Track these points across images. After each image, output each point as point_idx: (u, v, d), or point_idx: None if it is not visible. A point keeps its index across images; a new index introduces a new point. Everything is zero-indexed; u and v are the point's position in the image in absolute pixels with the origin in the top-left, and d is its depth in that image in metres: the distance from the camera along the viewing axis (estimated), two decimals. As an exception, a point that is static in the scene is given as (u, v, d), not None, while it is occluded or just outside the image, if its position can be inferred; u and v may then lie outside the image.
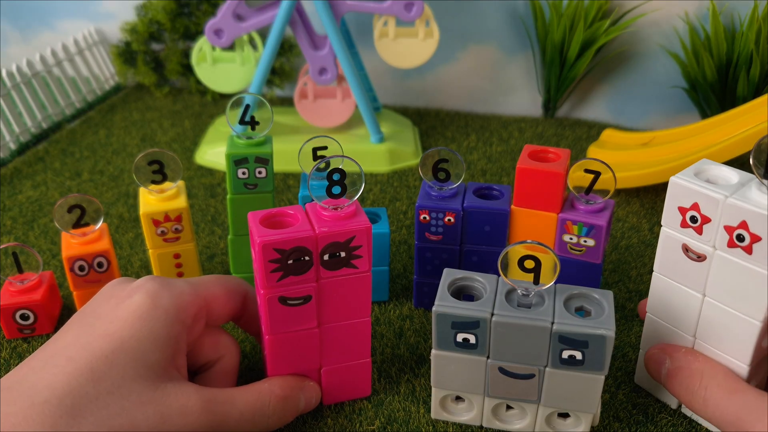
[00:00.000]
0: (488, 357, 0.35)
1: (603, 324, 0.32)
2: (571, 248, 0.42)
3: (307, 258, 0.34)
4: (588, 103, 0.84)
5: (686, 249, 0.34)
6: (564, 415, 0.37)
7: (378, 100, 0.79)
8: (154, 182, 0.45)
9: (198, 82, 0.86)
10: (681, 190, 0.33)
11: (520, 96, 0.85)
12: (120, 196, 0.64)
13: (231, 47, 0.69)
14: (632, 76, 0.80)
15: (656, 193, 0.65)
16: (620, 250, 0.56)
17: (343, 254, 0.35)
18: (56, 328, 0.47)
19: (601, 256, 0.42)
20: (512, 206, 0.43)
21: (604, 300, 0.34)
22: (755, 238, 0.31)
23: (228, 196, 0.44)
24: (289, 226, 0.35)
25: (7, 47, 0.95)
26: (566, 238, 0.42)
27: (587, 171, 0.41)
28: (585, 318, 0.33)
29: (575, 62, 0.76)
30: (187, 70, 0.86)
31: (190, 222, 0.46)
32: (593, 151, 0.69)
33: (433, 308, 0.34)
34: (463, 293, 0.36)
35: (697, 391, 0.35)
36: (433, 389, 0.38)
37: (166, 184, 0.45)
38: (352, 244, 0.35)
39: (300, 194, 0.44)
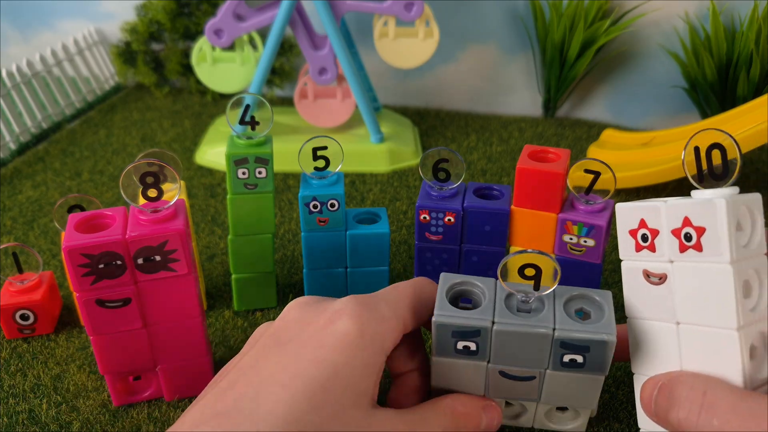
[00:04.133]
0: (489, 362, 0.35)
1: (604, 329, 0.32)
2: (571, 248, 0.42)
3: (119, 262, 0.35)
4: (588, 103, 0.84)
5: (647, 275, 0.33)
6: (562, 408, 0.37)
7: (378, 100, 0.79)
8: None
9: (198, 82, 0.86)
10: (626, 212, 0.33)
11: (520, 96, 0.85)
12: (120, 196, 0.64)
13: (231, 47, 0.69)
14: (632, 76, 0.80)
15: (656, 193, 0.65)
16: (620, 250, 0.56)
17: (158, 258, 0.35)
18: (56, 328, 0.47)
19: (601, 256, 0.42)
20: (512, 206, 0.43)
21: (603, 301, 0.34)
22: (700, 231, 0.30)
23: (228, 196, 0.44)
24: (104, 230, 0.35)
25: (7, 47, 0.95)
26: (566, 238, 0.42)
27: (587, 171, 0.41)
28: (585, 322, 0.33)
29: (575, 62, 0.76)
30: (187, 70, 0.86)
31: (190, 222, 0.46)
32: (593, 151, 0.69)
33: (433, 318, 0.33)
34: (461, 297, 0.36)
35: (691, 397, 0.29)
36: (432, 390, 0.37)
37: (167, 185, 0.45)
38: (166, 248, 0.35)
39: (300, 194, 0.44)
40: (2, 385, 0.42)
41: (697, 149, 0.31)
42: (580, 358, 0.33)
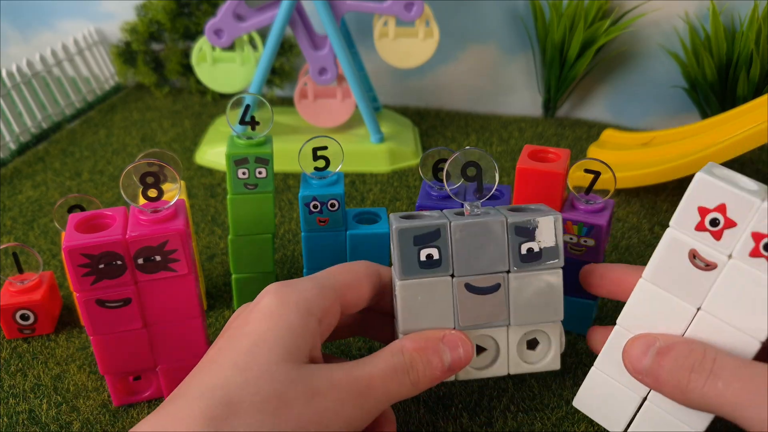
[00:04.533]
0: (453, 275, 0.35)
1: (547, 211, 0.35)
2: (571, 248, 0.42)
3: (119, 262, 0.35)
4: (588, 103, 0.84)
5: (693, 255, 0.31)
6: (532, 347, 0.37)
7: (378, 100, 0.79)
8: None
9: (198, 82, 0.86)
10: (708, 187, 0.30)
11: (520, 96, 0.85)
12: (120, 196, 0.64)
13: (231, 47, 0.69)
14: (632, 76, 0.80)
15: (656, 193, 0.65)
16: (620, 250, 0.56)
17: (158, 258, 0.35)
18: (56, 328, 0.47)
19: (601, 256, 0.42)
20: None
21: (540, 205, 0.37)
22: None
23: (228, 196, 0.44)
24: (104, 229, 0.35)
25: (7, 47, 0.95)
26: (566, 238, 0.42)
27: (587, 171, 0.41)
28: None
29: (575, 62, 0.76)
30: (187, 70, 0.86)
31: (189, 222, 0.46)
32: (593, 151, 0.69)
33: (394, 227, 0.34)
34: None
35: (703, 363, 0.30)
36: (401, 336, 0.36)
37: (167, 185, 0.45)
38: (166, 248, 0.35)
39: (300, 194, 0.44)
40: (2, 385, 0.42)
41: None
42: (536, 246, 0.34)
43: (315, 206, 0.44)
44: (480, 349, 0.37)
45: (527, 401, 0.41)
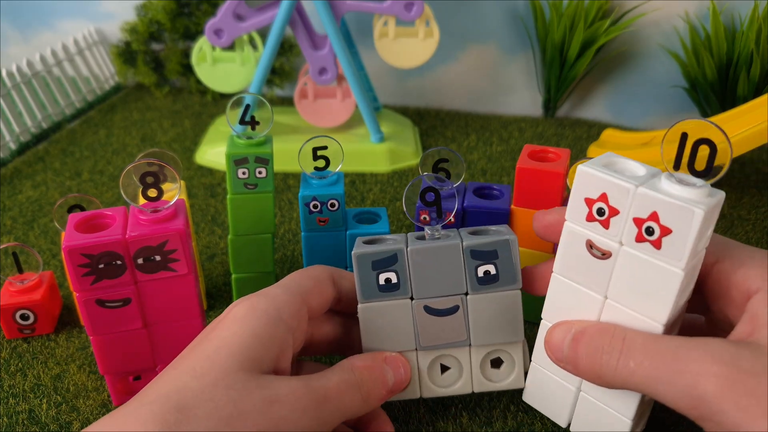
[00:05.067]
0: (412, 298, 0.35)
1: (505, 233, 0.35)
2: (571, 248, 0.42)
3: (119, 262, 0.35)
4: (588, 103, 0.84)
5: (590, 245, 0.32)
6: (497, 365, 0.37)
7: (378, 100, 0.79)
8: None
9: (198, 82, 0.86)
10: (589, 179, 0.31)
11: (520, 96, 0.85)
12: (120, 196, 0.64)
13: (231, 47, 0.70)
14: (632, 76, 0.80)
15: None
16: (620, 250, 0.56)
17: (158, 258, 0.35)
18: (56, 328, 0.47)
19: (601, 256, 0.42)
20: (512, 206, 0.43)
21: (501, 227, 0.37)
22: (665, 231, 0.29)
23: (228, 196, 0.44)
24: (104, 229, 0.35)
25: (7, 47, 0.95)
26: (566, 238, 0.42)
27: (587, 171, 0.41)
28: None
29: (575, 62, 0.76)
30: (187, 70, 0.86)
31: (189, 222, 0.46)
32: (593, 151, 0.69)
33: (353, 252, 0.35)
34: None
35: (612, 343, 0.30)
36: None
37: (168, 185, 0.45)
38: (165, 248, 0.35)
39: (300, 194, 0.44)
40: (2, 385, 0.42)
41: (684, 135, 0.29)
42: (492, 269, 0.35)
43: (315, 206, 0.44)
44: (444, 368, 0.37)
45: (527, 401, 0.41)
